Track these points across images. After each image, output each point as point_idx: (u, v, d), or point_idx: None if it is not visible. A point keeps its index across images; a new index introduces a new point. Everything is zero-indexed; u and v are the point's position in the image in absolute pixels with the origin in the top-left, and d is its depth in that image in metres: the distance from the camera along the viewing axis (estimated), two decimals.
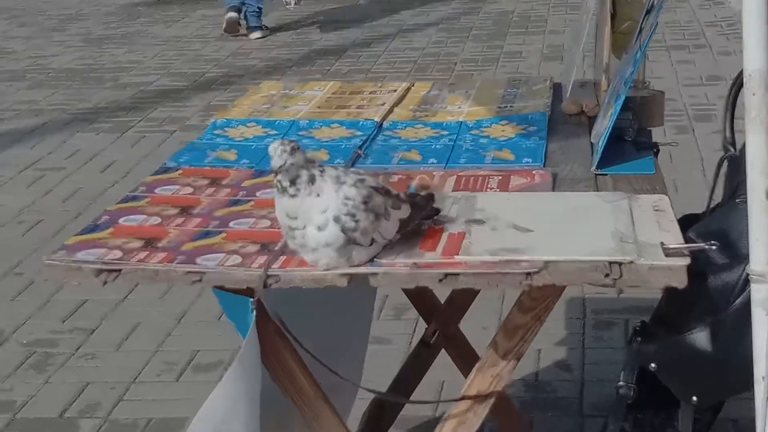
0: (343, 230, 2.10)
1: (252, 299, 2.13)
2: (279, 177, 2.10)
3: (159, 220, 2.41)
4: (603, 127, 2.71)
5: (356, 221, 2.11)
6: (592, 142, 2.86)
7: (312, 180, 2.10)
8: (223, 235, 2.32)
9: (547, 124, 3.01)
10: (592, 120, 3.09)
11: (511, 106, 3.20)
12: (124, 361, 4.52)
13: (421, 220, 2.26)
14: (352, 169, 2.22)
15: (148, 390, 4.29)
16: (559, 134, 2.98)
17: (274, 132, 3.06)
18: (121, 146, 7.29)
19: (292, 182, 2.09)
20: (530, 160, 2.75)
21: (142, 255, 2.22)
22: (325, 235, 2.10)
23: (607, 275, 2.06)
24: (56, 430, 4.10)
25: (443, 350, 3.39)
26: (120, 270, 2.17)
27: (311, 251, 2.12)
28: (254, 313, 2.12)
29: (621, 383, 2.44)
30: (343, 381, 2.41)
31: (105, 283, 2.13)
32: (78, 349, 4.63)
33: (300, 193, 2.10)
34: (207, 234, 2.33)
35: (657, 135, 2.98)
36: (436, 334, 3.31)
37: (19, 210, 6.20)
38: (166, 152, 6.96)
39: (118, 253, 2.22)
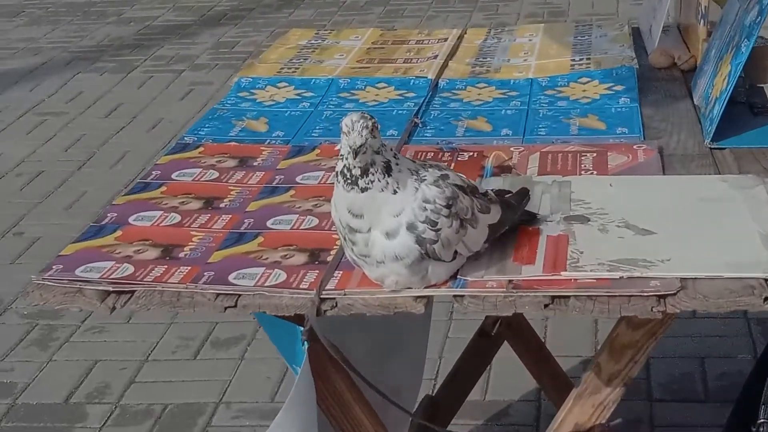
0: (419, 241, 1.63)
1: (302, 328, 1.65)
2: (349, 162, 1.62)
3: (178, 218, 1.94)
4: (716, 88, 2.21)
5: (437, 230, 1.63)
6: (696, 105, 2.37)
7: (388, 170, 1.63)
8: (260, 239, 1.84)
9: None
10: (686, 75, 2.60)
11: (587, 59, 2.70)
12: (136, 335, 4.06)
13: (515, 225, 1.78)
14: (429, 161, 1.73)
15: (163, 370, 3.85)
16: (651, 94, 2.49)
17: (311, 94, 2.57)
18: (126, 88, 6.82)
19: (365, 172, 1.61)
20: (626, 130, 2.26)
21: (160, 270, 1.74)
22: (395, 246, 1.63)
23: (766, 299, 1.58)
24: (61, 418, 3.65)
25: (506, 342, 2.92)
26: (132, 292, 1.70)
27: (375, 265, 1.65)
28: (306, 345, 1.66)
29: (762, 420, 1.98)
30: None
31: (113, 309, 1.66)
32: (84, 321, 4.17)
33: (373, 186, 1.62)
34: (240, 238, 1.85)
35: None
36: (498, 323, 2.83)
37: (17, 160, 5.75)
38: (176, 95, 6.52)
39: (128, 268, 1.75)
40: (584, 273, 1.66)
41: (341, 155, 1.63)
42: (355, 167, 1.62)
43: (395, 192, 1.63)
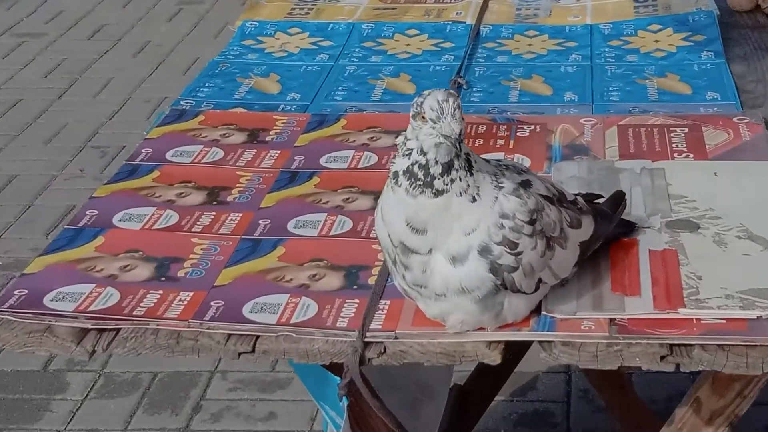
0: (493, 269, 1.23)
1: (339, 381, 1.27)
2: (429, 156, 1.23)
3: (176, 217, 1.54)
4: None
5: (517, 254, 1.24)
6: None
7: (470, 166, 1.24)
8: (280, 250, 1.45)
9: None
10: None
11: (653, 0, 2.28)
12: None
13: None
14: (503, 161, 1.33)
15: None
16: (737, 46, 2.09)
17: (329, 43, 2.16)
18: (110, 7, 6.36)
19: (448, 168, 1.22)
20: (717, 95, 1.86)
21: (153, 298, 1.35)
22: (462, 275, 1.23)
23: None
24: (39, 388, 3.28)
25: None
26: (117, 330, 1.31)
27: (434, 298, 1.26)
28: (345, 402, 1.27)
29: None
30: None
31: (92, 353, 1.27)
32: None
33: (452, 188, 1.23)
34: (254, 248, 1.46)
35: None
36: None
37: None
38: (163, 15, 6.08)
39: (112, 294, 1.36)
40: (710, 311, 1.27)
41: (407, 149, 1.23)
42: (436, 163, 1.22)
43: (474, 200, 1.23)
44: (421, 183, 1.23)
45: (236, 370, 3.25)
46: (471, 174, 1.24)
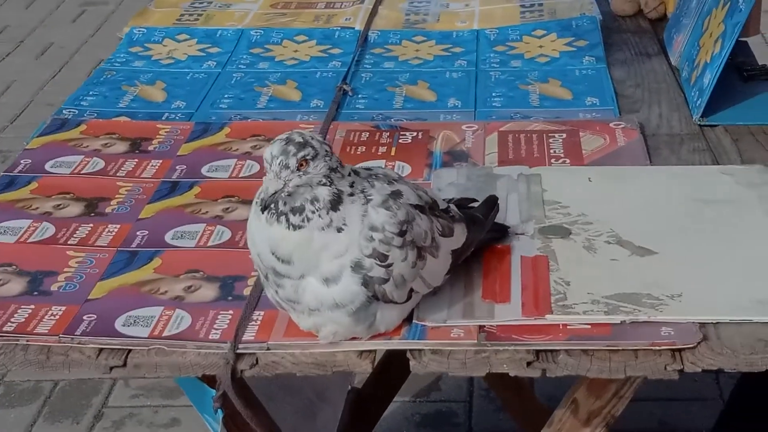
0: (365, 282, 1.24)
1: (214, 393, 1.27)
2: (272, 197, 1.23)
3: (52, 230, 1.53)
4: (704, 50, 1.85)
5: (387, 266, 1.25)
6: (673, 66, 2.01)
7: (336, 204, 1.24)
8: (157, 262, 1.44)
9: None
10: (655, 25, 2.23)
11: (539, 5, 2.31)
12: None
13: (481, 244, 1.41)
14: (376, 169, 1.33)
15: None
16: (618, 51, 2.12)
17: (217, 50, 2.15)
18: (11, 8, 6.29)
19: (297, 211, 1.22)
20: (596, 100, 1.89)
21: (25, 313, 1.34)
22: (336, 293, 1.24)
23: None
24: None
25: None
26: None
27: (307, 313, 1.27)
28: (220, 414, 1.27)
29: None
30: None
31: None
32: None
33: (309, 224, 1.23)
34: (130, 260, 1.45)
35: (756, 49, 2.12)
36: None
37: None
38: (66, 16, 5.99)
39: None
40: (576, 316, 1.29)
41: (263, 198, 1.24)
42: (279, 204, 1.23)
43: (340, 230, 1.24)
44: (275, 213, 1.23)
45: (138, 377, 3.22)
46: (336, 209, 1.24)
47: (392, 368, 2.49)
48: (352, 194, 1.24)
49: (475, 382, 3.10)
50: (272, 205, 1.22)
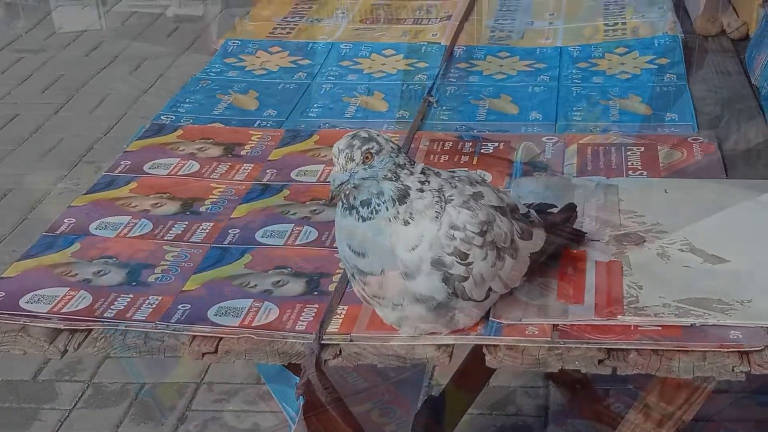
0: (446, 279, 1.30)
1: (297, 379, 1.34)
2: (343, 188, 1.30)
3: (150, 226, 1.61)
4: None
5: (468, 265, 1.31)
6: (754, 85, 2.04)
7: (402, 198, 1.30)
8: (247, 258, 1.52)
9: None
10: (737, 45, 2.27)
11: (623, 24, 2.36)
12: None
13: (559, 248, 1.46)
14: (458, 171, 1.40)
15: None
16: (699, 69, 2.16)
17: (308, 62, 2.24)
18: (108, 23, 6.43)
19: (365, 204, 1.29)
20: (675, 116, 1.93)
21: (124, 301, 1.42)
22: (418, 287, 1.30)
23: None
24: (28, 397, 3.33)
25: None
26: (89, 330, 1.38)
27: (392, 307, 1.33)
28: (301, 401, 1.34)
29: None
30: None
31: (64, 353, 1.34)
32: None
33: (376, 217, 1.29)
34: (222, 256, 1.53)
35: None
36: None
37: None
38: (162, 30, 6.14)
39: (85, 297, 1.43)
40: (647, 318, 1.34)
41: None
42: (350, 197, 1.30)
43: (407, 223, 1.30)
44: (346, 206, 1.30)
45: (222, 381, 3.31)
46: (403, 202, 1.29)
47: (469, 378, 2.54)
48: (421, 190, 1.30)
49: (551, 398, 3.13)
50: (344, 199, 1.28)
